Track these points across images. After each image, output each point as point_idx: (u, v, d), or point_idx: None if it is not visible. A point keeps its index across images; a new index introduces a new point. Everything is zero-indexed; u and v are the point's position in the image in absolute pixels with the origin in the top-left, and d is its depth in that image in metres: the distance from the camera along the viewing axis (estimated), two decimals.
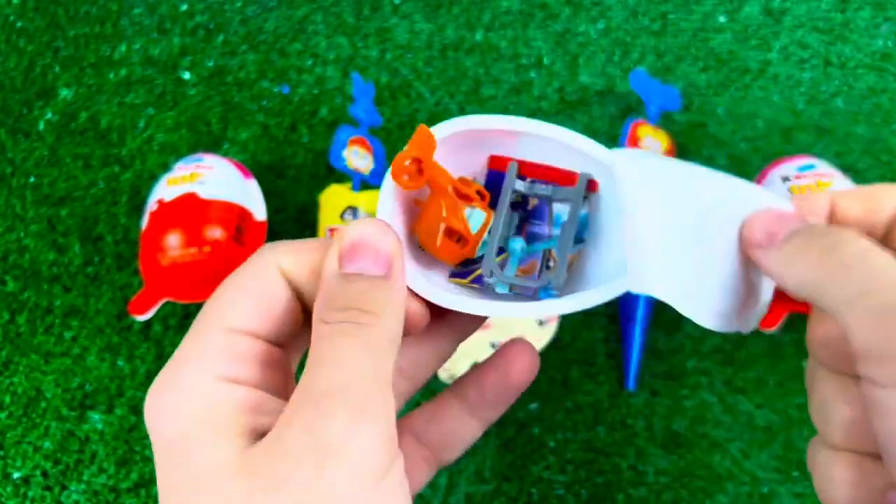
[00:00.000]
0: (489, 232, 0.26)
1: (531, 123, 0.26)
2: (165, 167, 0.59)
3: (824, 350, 0.24)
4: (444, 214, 0.26)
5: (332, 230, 0.55)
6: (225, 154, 0.60)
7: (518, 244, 0.27)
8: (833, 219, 0.24)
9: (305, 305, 0.24)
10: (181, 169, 0.55)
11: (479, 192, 0.27)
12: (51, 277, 0.58)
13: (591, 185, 0.26)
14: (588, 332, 0.55)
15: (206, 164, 0.55)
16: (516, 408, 0.52)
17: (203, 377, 0.21)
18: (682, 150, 0.60)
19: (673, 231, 0.23)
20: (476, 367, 0.27)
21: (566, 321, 0.54)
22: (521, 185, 0.27)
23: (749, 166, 0.59)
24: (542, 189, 0.26)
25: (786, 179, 0.53)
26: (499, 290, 0.26)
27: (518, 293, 0.26)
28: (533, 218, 0.27)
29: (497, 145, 0.27)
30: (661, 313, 0.54)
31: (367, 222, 0.23)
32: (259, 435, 0.20)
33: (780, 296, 0.27)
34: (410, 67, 0.64)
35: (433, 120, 0.62)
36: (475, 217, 0.26)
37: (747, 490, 0.51)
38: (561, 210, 0.27)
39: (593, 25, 0.65)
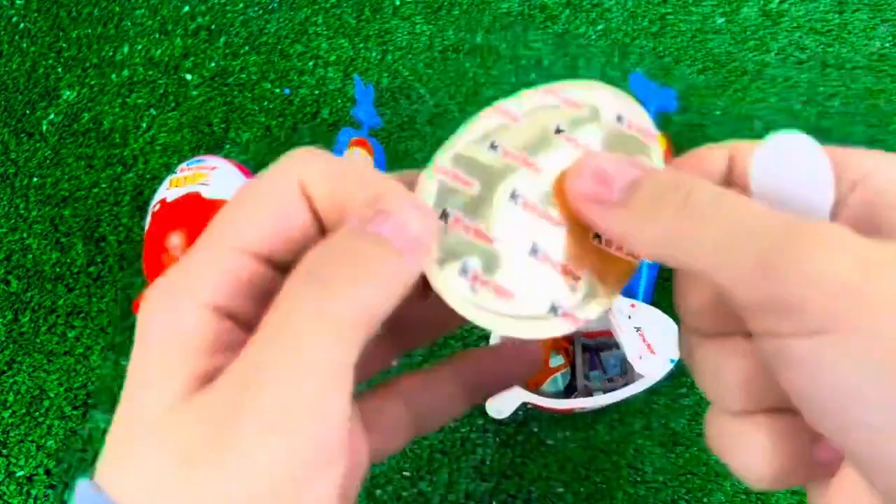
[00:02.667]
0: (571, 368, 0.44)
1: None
2: (168, 168, 0.60)
3: (700, 317, 0.21)
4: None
5: None
6: (226, 155, 0.61)
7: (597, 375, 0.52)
8: (732, 174, 0.21)
9: (322, 226, 0.21)
10: (183, 170, 0.55)
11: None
12: (54, 277, 0.58)
13: None
14: None
15: (209, 164, 0.55)
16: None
17: (192, 301, 0.19)
18: (680, 151, 0.60)
19: None
20: (479, 352, 0.27)
21: None
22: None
23: None
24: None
25: None
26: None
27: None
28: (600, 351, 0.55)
29: None
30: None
31: (408, 197, 0.20)
32: (200, 380, 0.18)
33: None
34: (411, 69, 0.65)
35: (433, 121, 0.63)
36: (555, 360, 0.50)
37: (745, 487, 0.51)
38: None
39: (592, 27, 0.66)
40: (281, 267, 0.20)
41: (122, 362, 0.55)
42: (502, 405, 0.50)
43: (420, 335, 0.26)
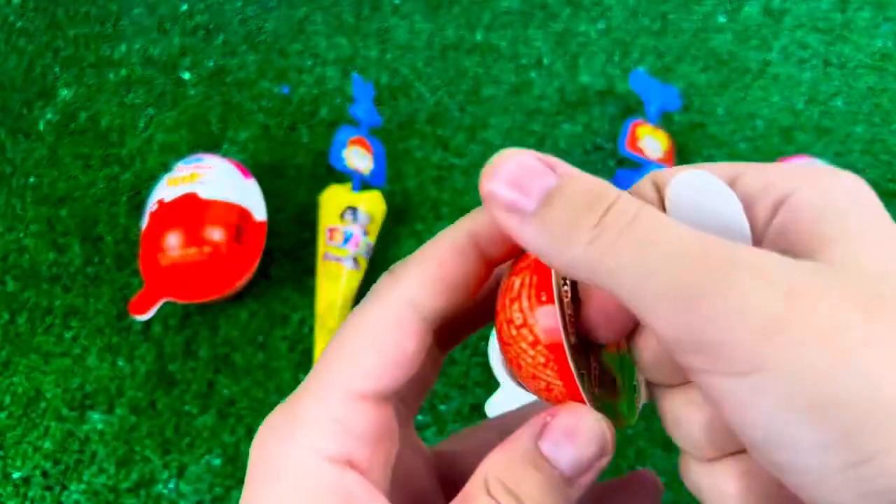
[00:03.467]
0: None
1: None
2: (165, 167, 0.59)
3: (655, 369, 0.20)
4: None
5: (331, 230, 0.55)
6: (225, 154, 0.60)
7: None
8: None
9: (437, 333, 0.20)
10: (181, 169, 0.55)
11: None
12: (51, 277, 0.58)
13: None
14: None
15: (206, 164, 0.55)
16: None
17: (310, 455, 0.18)
18: (682, 150, 0.60)
19: None
20: (606, 484, 0.25)
21: None
22: None
23: None
24: None
25: None
26: None
27: None
28: None
29: None
30: None
31: (587, 411, 0.19)
32: None
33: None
34: (410, 67, 0.64)
35: (433, 120, 0.62)
36: None
37: None
38: None
39: (593, 25, 0.65)
40: (393, 398, 0.20)
41: (119, 363, 0.55)
42: (502, 406, 0.50)
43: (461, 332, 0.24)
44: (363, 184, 0.56)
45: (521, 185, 0.17)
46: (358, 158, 0.56)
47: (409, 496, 0.21)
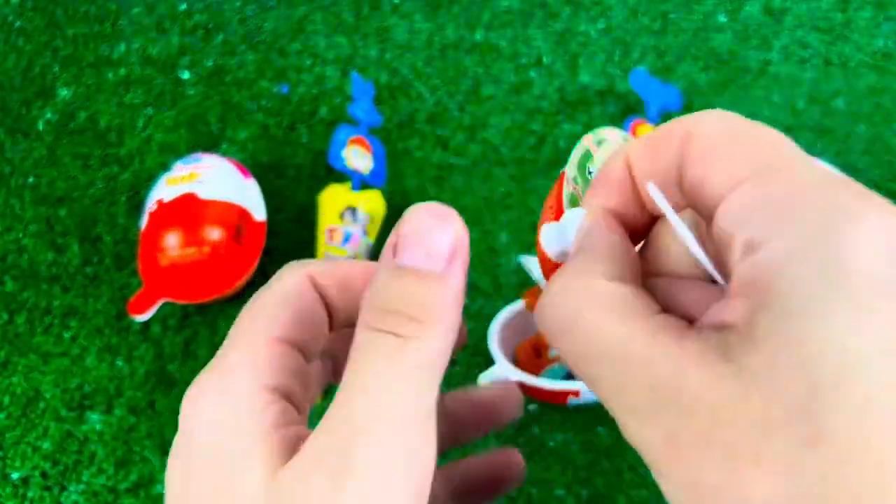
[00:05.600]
0: None
1: None
2: (164, 167, 0.59)
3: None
4: None
5: (331, 230, 0.55)
6: (224, 154, 0.60)
7: None
8: (636, 181, 0.20)
9: (332, 315, 0.23)
10: (180, 169, 0.55)
11: None
12: (49, 277, 0.58)
13: None
14: None
15: (206, 163, 0.55)
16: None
17: (252, 385, 0.20)
18: None
19: None
20: (469, 460, 0.28)
21: None
22: None
23: None
24: None
25: None
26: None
27: None
28: None
29: None
30: None
31: (426, 208, 0.21)
32: (286, 451, 0.19)
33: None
34: (410, 67, 0.64)
35: (433, 119, 0.62)
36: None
37: None
38: None
39: (593, 25, 0.65)
40: (302, 350, 0.22)
41: (118, 363, 0.55)
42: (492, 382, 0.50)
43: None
44: (363, 184, 0.56)
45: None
46: (357, 158, 0.56)
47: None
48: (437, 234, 0.20)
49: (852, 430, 0.14)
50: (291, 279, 0.22)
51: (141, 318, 0.52)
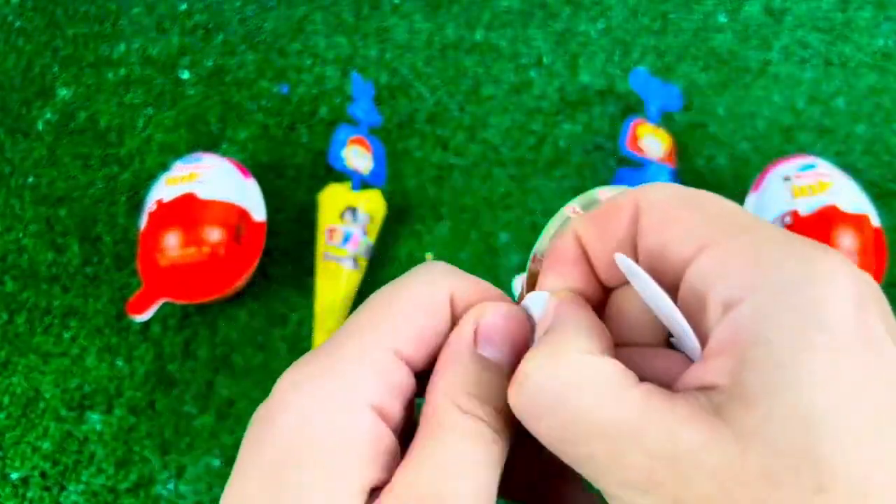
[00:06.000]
0: None
1: None
2: (164, 167, 0.59)
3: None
4: None
5: (331, 230, 0.55)
6: (224, 154, 0.60)
7: None
8: (586, 256, 0.21)
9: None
10: (180, 169, 0.55)
11: None
12: (49, 278, 0.58)
13: None
14: None
15: (205, 163, 0.55)
16: None
17: (357, 398, 0.18)
18: (683, 149, 0.59)
19: None
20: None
21: None
22: None
23: (749, 166, 0.59)
24: None
25: (786, 179, 0.52)
26: None
27: None
28: None
29: None
30: None
31: (505, 308, 0.20)
32: (379, 473, 0.18)
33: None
34: (410, 67, 0.64)
35: (433, 119, 0.62)
36: None
37: None
38: None
39: (593, 25, 0.65)
40: (416, 372, 0.20)
41: (118, 363, 0.55)
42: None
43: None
44: (363, 183, 0.56)
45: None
46: (357, 158, 0.55)
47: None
48: (518, 332, 0.20)
49: (852, 473, 0.15)
50: (431, 290, 0.20)
51: (141, 318, 0.52)
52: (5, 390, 0.54)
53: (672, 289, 0.18)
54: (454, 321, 0.20)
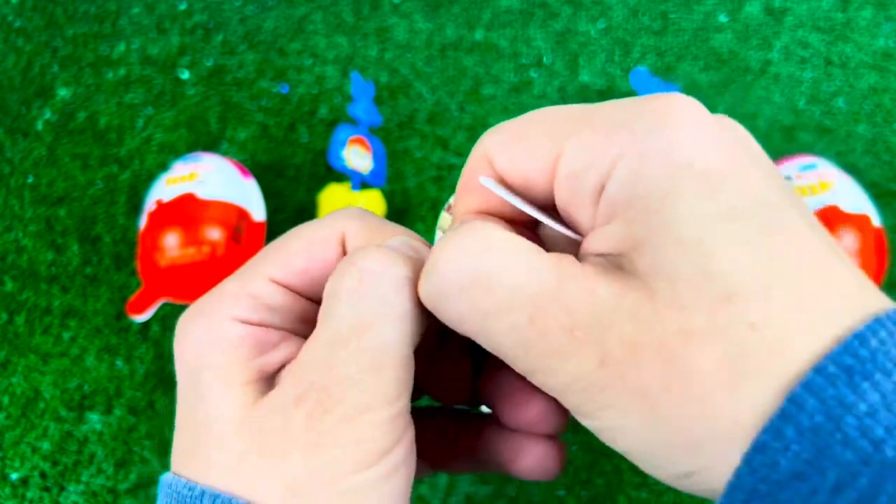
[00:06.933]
0: None
1: None
2: (164, 167, 0.59)
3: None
4: None
5: None
6: (224, 154, 0.60)
7: None
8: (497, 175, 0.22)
9: None
10: (180, 168, 0.55)
11: None
12: (49, 278, 0.58)
13: None
14: None
15: (205, 163, 0.55)
16: None
17: (222, 316, 0.21)
18: None
19: None
20: (494, 427, 0.25)
21: None
22: None
23: None
24: None
25: (787, 179, 0.52)
26: None
27: None
28: None
29: None
30: None
31: (416, 242, 0.23)
32: (262, 382, 0.21)
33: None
34: (410, 67, 0.64)
35: (433, 119, 0.62)
36: None
37: None
38: None
39: (594, 24, 0.65)
40: (309, 297, 0.23)
41: (118, 364, 0.55)
42: None
43: (454, 461, 0.26)
44: (363, 183, 0.55)
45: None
46: (357, 158, 0.55)
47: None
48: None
49: (744, 277, 0.16)
50: (320, 229, 0.23)
51: (140, 318, 0.52)
52: (5, 390, 0.54)
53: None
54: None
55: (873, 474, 0.15)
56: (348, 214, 0.23)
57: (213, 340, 0.21)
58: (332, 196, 0.55)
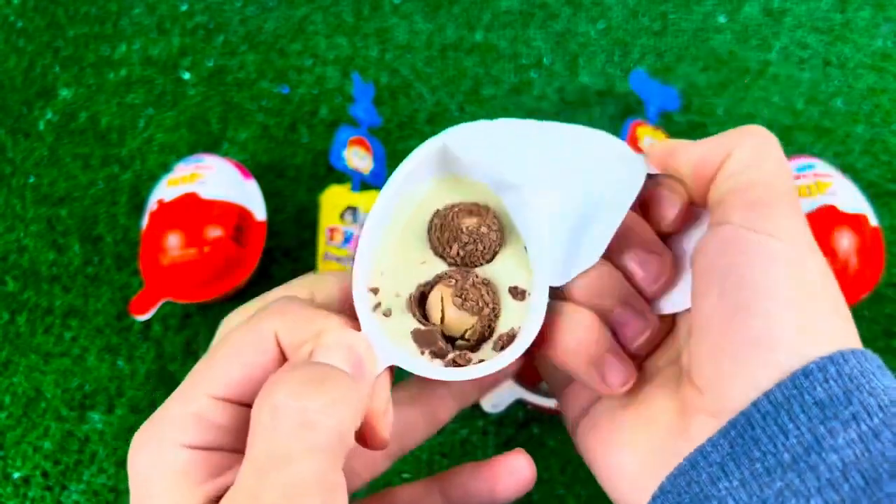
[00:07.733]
0: None
1: None
2: (165, 167, 0.59)
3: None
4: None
5: (331, 230, 0.55)
6: (225, 154, 0.60)
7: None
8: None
9: None
10: (181, 169, 0.55)
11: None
12: (50, 277, 0.58)
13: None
14: None
15: (206, 164, 0.55)
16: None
17: (169, 443, 0.22)
18: None
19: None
20: (466, 469, 0.28)
21: None
22: None
23: None
24: None
25: None
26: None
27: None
28: None
29: None
30: None
31: (347, 336, 0.23)
32: (217, 499, 0.21)
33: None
34: (410, 67, 0.64)
35: (433, 120, 0.62)
36: None
37: None
38: None
39: (593, 25, 0.65)
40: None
41: (119, 363, 0.55)
42: (498, 400, 0.50)
43: (406, 440, 0.28)
44: (363, 184, 0.56)
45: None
46: (358, 158, 0.56)
47: None
48: (355, 347, 0.23)
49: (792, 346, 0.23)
50: (253, 336, 0.23)
51: (142, 317, 0.52)
52: (6, 390, 0.55)
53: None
54: (286, 355, 0.23)
55: None
56: (276, 311, 0.23)
57: (160, 471, 0.22)
58: (333, 196, 0.56)
